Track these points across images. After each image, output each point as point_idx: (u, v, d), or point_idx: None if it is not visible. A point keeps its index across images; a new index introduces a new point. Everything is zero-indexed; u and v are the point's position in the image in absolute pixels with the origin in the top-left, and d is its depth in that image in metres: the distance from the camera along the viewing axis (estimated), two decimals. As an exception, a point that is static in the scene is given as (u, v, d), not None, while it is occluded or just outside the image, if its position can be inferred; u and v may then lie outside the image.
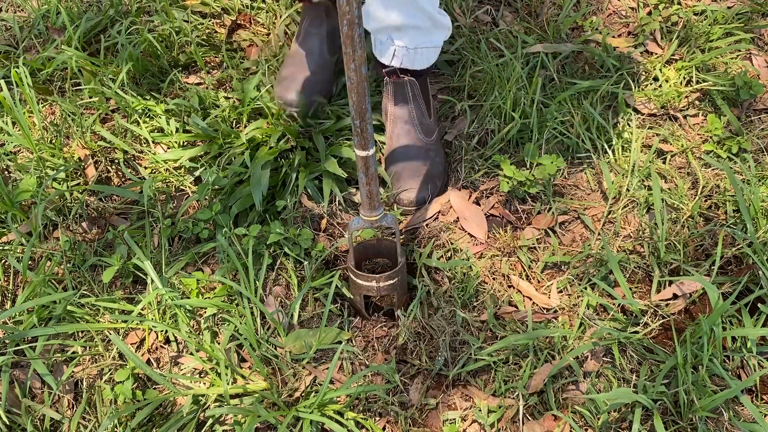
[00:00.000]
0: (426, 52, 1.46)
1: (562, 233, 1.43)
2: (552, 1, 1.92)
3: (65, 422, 1.22)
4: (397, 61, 1.46)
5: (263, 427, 1.21)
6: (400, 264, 1.27)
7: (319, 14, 1.65)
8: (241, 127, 1.64)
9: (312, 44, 1.66)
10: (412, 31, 1.42)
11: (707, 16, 1.81)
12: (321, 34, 1.66)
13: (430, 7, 1.39)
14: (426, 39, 1.44)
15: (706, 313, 1.25)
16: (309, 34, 1.67)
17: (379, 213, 1.25)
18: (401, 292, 1.31)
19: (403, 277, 1.29)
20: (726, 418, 1.15)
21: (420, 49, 1.45)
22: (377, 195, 1.22)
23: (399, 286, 1.29)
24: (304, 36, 1.67)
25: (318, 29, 1.66)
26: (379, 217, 1.25)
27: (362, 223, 1.26)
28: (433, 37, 1.46)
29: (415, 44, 1.43)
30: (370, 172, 1.18)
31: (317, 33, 1.66)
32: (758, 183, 1.44)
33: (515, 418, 1.18)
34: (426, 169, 1.49)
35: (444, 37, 1.50)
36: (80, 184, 1.56)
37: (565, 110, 1.60)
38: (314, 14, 1.65)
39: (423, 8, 1.37)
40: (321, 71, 1.65)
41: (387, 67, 1.48)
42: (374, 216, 1.24)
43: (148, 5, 1.93)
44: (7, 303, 1.39)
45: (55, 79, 1.78)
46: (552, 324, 1.29)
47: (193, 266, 1.42)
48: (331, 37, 1.66)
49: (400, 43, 1.43)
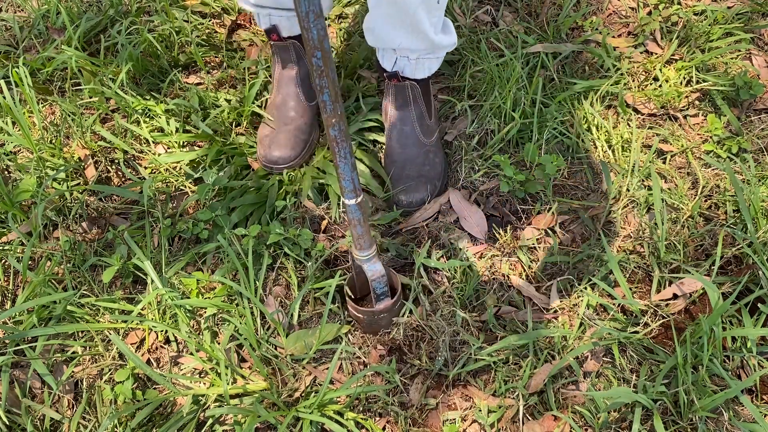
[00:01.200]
0: (428, 62, 1.46)
1: (562, 233, 1.43)
2: (552, 1, 1.92)
3: (65, 422, 1.22)
4: (399, 68, 1.46)
5: (263, 427, 1.21)
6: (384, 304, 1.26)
7: (290, 57, 1.56)
8: (240, 128, 1.64)
9: (287, 92, 1.58)
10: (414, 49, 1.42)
11: (707, 16, 1.81)
12: (295, 80, 1.57)
13: (432, 33, 1.37)
14: (429, 53, 1.44)
15: (706, 313, 1.25)
16: (282, 82, 1.58)
17: (367, 254, 1.19)
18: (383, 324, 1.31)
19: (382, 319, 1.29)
20: (726, 418, 1.15)
21: (422, 59, 1.45)
22: (365, 238, 1.16)
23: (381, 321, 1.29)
24: (278, 85, 1.58)
25: (291, 74, 1.57)
26: (368, 257, 1.19)
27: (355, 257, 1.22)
28: (436, 51, 1.46)
29: (417, 55, 1.43)
30: (352, 218, 1.12)
31: (291, 79, 1.57)
32: (758, 183, 1.44)
33: (515, 418, 1.18)
34: (426, 170, 1.49)
35: (448, 50, 1.48)
36: (80, 184, 1.56)
37: (565, 110, 1.60)
38: (285, 57, 1.56)
39: (425, 33, 1.36)
40: (301, 118, 1.56)
41: (387, 72, 1.48)
42: (362, 256, 1.19)
43: (148, 5, 1.93)
44: (7, 303, 1.39)
45: (55, 79, 1.78)
46: (552, 324, 1.29)
47: (193, 266, 1.42)
48: (306, 82, 1.58)
49: (402, 54, 1.43)
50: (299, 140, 1.53)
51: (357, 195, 1.08)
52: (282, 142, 1.51)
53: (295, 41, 1.54)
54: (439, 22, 1.38)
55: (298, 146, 1.52)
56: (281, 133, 1.53)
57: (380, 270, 1.22)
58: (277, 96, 1.58)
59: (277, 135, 1.53)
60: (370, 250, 1.18)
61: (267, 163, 1.52)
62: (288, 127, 1.53)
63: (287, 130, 1.53)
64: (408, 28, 1.34)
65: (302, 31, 0.85)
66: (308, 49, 0.87)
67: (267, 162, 1.51)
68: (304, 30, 0.85)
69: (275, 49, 1.55)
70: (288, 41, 1.53)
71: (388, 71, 1.48)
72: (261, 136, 1.56)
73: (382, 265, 1.22)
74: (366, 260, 1.20)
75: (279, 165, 1.51)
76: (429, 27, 1.35)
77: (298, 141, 1.53)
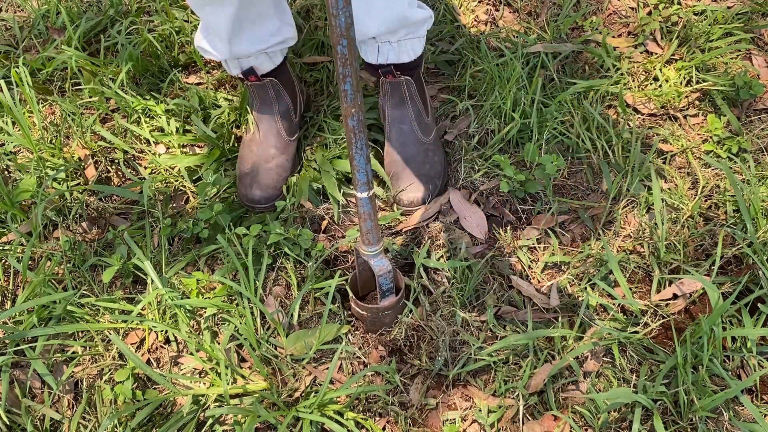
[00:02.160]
0: (410, 44, 1.43)
1: (562, 233, 1.43)
2: (552, 1, 1.92)
3: (65, 422, 1.22)
4: (383, 57, 1.44)
5: (263, 427, 1.21)
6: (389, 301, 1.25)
7: (268, 95, 1.52)
8: (240, 130, 1.64)
9: (268, 128, 1.53)
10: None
11: (707, 16, 1.81)
12: (275, 116, 1.53)
13: (406, 6, 1.34)
14: (408, 34, 1.42)
15: (706, 313, 1.25)
16: (262, 118, 1.53)
17: (374, 250, 1.18)
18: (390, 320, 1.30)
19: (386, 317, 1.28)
20: (726, 418, 1.15)
21: (403, 41, 1.42)
22: (373, 232, 1.16)
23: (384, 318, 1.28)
24: (258, 121, 1.54)
25: (271, 111, 1.53)
26: (374, 253, 1.19)
27: (361, 253, 1.22)
28: (415, 30, 1.43)
29: (398, 38, 1.41)
30: (363, 212, 1.12)
31: (270, 115, 1.53)
32: (758, 183, 1.44)
33: (515, 418, 1.18)
34: (426, 168, 1.49)
35: (426, 27, 1.45)
36: (80, 184, 1.56)
37: (565, 110, 1.60)
38: (263, 95, 1.52)
39: (399, 8, 1.34)
40: (282, 155, 1.52)
41: (378, 68, 1.47)
42: (369, 251, 1.19)
43: (148, 5, 1.93)
44: (7, 303, 1.39)
45: (55, 79, 1.78)
46: (552, 324, 1.29)
47: (193, 266, 1.42)
48: (286, 118, 1.54)
49: (382, 40, 1.41)
50: (281, 178, 1.50)
51: (370, 188, 1.07)
52: (263, 182, 1.47)
53: (272, 78, 1.50)
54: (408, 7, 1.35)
55: (280, 183, 1.49)
56: (262, 172, 1.49)
57: (387, 266, 1.22)
58: (257, 132, 1.53)
59: (258, 174, 1.48)
60: (377, 246, 1.18)
61: (249, 203, 1.48)
62: (268, 165, 1.50)
63: (268, 168, 1.49)
64: (381, 8, 1.31)
65: (329, 18, 0.85)
66: (334, 38, 0.87)
67: (248, 202, 1.47)
68: (331, 17, 0.84)
69: (252, 88, 1.51)
70: (265, 80, 1.49)
71: (375, 63, 1.46)
72: (240, 173, 1.51)
73: (389, 261, 1.22)
74: (373, 256, 1.20)
75: (261, 205, 1.47)
76: (402, 2, 1.32)
77: (280, 179, 1.50)
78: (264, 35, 1.40)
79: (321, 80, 1.71)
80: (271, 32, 1.41)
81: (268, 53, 1.45)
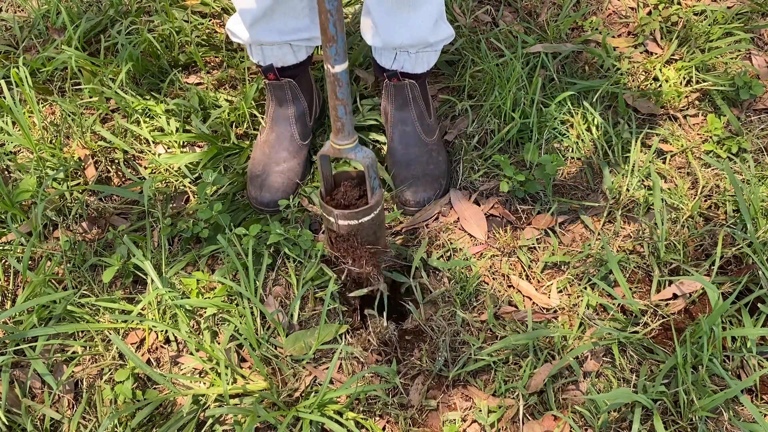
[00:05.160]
0: (426, 56, 1.46)
1: (562, 233, 1.43)
2: (552, 1, 1.92)
3: (65, 422, 1.22)
4: (398, 65, 1.46)
5: (263, 427, 1.21)
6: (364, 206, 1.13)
7: (285, 96, 1.51)
8: (240, 129, 1.64)
9: (282, 131, 1.52)
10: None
11: (707, 16, 1.81)
12: (289, 119, 1.53)
13: (432, 23, 1.38)
14: (427, 47, 1.44)
15: (706, 313, 1.25)
16: (276, 120, 1.53)
17: (349, 142, 1.07)
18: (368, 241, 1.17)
19: (369, 227, 1.15)
20: (726, 418, 1.15)
21: (421, 53, 1.45)
22: (347, 120, 1.05)
23: (362, 234, 1.15)
24: (272, 122, 1.54)
25: (286, 113, 1.53)
26: (349, 147, 1.08)
27: (332, 150, 1.10)
28: (435, 44, 1.46)
29: (417, 49, 1.43)
30: (339, 91, 1.00)
31: (285, 118, 1.53)
32: (758, 183, 1.44)
33: (515, 418, 1.18)
34: (430, 169, 1.49)
35: (446, 42, 1.48)
36: (80, 184, 1.56)
37: (565, 110, 1.60)
38: (280, 95, 1.52)
39: (428, 22, 1.37)
40: (294, 159, 1.52)
41: (387, 71, 1.48)
42: (343, 144, 1.08)
43: (148, 5, 1.93)
44: (7, 303, 1.39)
45: (55, 79, 1.78)
46: (552, 324, 1.29)
47: (193, 266, 1.42)
48: (301, 121, 1.54)
49: (402, 49, 1.43)
50: (292, 183, 1.49)
51: (345, 59, 0.98)
52: (273, 186, 1.47)
53: (290, 80, 1.50)
54: (441, 9, 1.39)
55: (290, 187, 1.49)
56: (273, 175, 1.48)
57: (371, 153, 1.12)
58: (270, 134, 1.53)
59: (269, 177, 1.48)
60: (355, 136, 1.09)
61: (258, 205, 1.48)
62: (280, 168, 1.49)
63: (279, 171, 1.49)
64: (410, 18, 1.34)
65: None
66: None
67: (258, 204, 1.47)
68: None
69: (270, 87, 1.52)
70: (284, 80, 1.49)
71: (388, 69, 1.47)
72: (251, 175, 1.50)
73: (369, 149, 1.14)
74: (353, 149, 1.09)
75: (270, 208, 1.47)
76: (431, 15, 1.36)
77: (290, 184, 1.49)
78: (293, 28, 1.42)
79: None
80: (299, 28, 1.43)
81: (293, 46, 1.45)
